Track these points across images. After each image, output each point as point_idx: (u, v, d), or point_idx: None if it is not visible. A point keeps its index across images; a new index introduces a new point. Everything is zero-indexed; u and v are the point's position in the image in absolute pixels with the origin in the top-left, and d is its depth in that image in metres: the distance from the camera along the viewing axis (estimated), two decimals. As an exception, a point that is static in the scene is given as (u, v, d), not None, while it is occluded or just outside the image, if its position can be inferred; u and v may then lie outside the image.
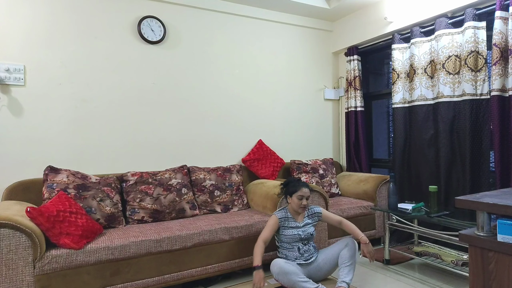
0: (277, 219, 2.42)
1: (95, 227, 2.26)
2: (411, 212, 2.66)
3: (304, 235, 2.42)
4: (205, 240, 2.45)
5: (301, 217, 2.49)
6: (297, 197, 2.42)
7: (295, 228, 2.43)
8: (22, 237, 1.90)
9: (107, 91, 2.97)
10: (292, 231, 2.42)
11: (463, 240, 1.43)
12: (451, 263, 2.51)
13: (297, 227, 2.44)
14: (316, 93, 4.13)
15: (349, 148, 4.04)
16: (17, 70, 2.63)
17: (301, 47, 4.02)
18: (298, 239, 2.41)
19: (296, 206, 2.42)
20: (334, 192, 3.61)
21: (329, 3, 3.79)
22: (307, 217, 2.50)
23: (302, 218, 2.49)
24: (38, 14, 2.73)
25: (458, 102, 2.96)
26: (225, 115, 3.52)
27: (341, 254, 2.38)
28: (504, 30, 2.61)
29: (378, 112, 4.23)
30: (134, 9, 3.08)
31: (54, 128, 2.77)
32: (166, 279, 2.31)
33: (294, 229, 2.43)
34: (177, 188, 2.83)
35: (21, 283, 1.90)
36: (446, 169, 3.03)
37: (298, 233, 2.41)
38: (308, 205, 2.53)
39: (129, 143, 3.05)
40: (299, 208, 2.42)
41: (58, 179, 2.47)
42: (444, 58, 3.03)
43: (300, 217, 2.49)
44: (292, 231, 2.42)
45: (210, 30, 3.45)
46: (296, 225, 2.44)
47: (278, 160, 3.62)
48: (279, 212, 2.47)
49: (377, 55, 4.15)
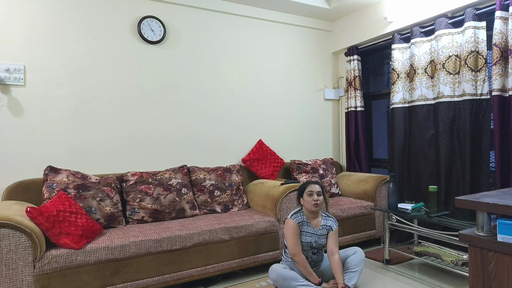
0: (295, 224, 2.30)
1: (95, 227, 2.26)
2: (411, 212, 2.66)
3: (316, 244, 2.36)
4: (205, 240, 2.44)
5: (318, 222, 2.40)
6: (307, 193, 2.34)
7: (311, 234, 2.35)
8: (22, 237, 1.90)
9: (107, 91, 2.97)
10: (307, 238, 2.33)
11: (463, 240, 1.43)
12: (451, 263, 2.50)
13: (313, 234, 2.35)
14: (316, 93, 4.13)
15: (349, 148, 4.04)
16: (17, 70, 2.63)
17: (301, 47, 4.02)
18: (309, 247, 2.34)
19: (308, 205, 2.33)
20: (334, 192, 3.61)
21: (329, 3, 3.79)
22: (323, 227, 2.39)
23: (319, 224, 2.39)
24: (38, 14, 2.73)
25: (458, 102, 2.96)
26: (225, 115, 3.52)
27: (349, 259, 2.36)
28: (504, 30, 2.61)
29: (378, 112, 4.23)
30: (134, 9, 3.08)
31: (54, 128, 2.77)
32: (166, 279, 2.31)
33: (310, 235, 2.34)
34: (177, 188, 2.83)
35: (21, 283, 1.90)
36: (446, 169, 3.03)
37: (311, 241, 2.33)
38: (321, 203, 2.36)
39: (129, 143, 3.05)
40: (312, 206, 2.31)
41: (58, 179, 2.47)
42: (444, 58, 3.03)
43: (316, 221, 2.40)
44: (307, 237, 2.33)
45: (210, 30, 3.45)
46: (313, 230, 2.36)
47: (278, 160, 3.62)
48: (295, 217, 2.33)
49: (377, 55, 4.15)
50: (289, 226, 2.31)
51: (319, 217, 2.42)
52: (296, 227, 2.30)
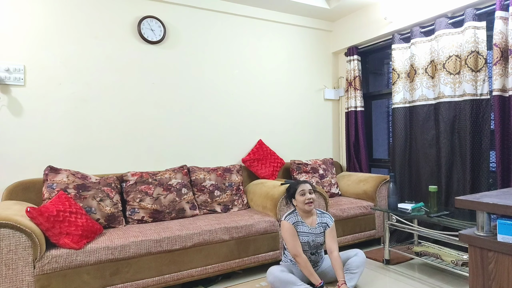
0: (291, 225, 2.29)
1: (95, 227, 2.26)
2: (411, 212, 2.66)
3: (314, 243, 2.35)
4: (205, 240, 2.44)
5: (312, 220, 2.39)
6: (300, 193, 2.34)
7: (307, 233, 2.34)
8: (22, 237, 1.90)
9: (107, 91, 2.97)
10: (303, 238, 2.33)
11: (463, 240, 1.43)
12: (451, 263, 2.50)
13: (309, 233, 2.34)
14: (316, 93, 4.13)
15: (349, 148, 4.04)
16: (17, 70, 2.63)
17: (301, 47, 4.02)
18: (307, 247, 2.33)
19: (302, 204, 2.33)
20: (334, 192, 3.61)
21: (329, 3, 3.79)
22: (319, 225, 2.39)
23: (315, 222, 2.39)
24: (38, 14, 2.73)
25: (458, 102, 2.96)
26: (225, 115, 3.52)
27: (350, 261, 2.36)
28: (504, 30, 2.61)
29: (378, 112, 4.23)
30: (134, 9, 3.08)
31: (54, 128, 2.77)
32: (166, 279, 2.31)
33: (306, 234, 2.34)
34: (177, 188, 2.83)
35: (21, 283, 1.90)
36: (446, 169, 3.03)
37: (308, 240, 2.33)
38: (315, 201, 2.37)
39: (129, 143, 3.05)
40: (306, 205, 2.31)
41: (58, 179, 2.47)
42: (444, 58, 3.03)
43: (312, 220, 2.39)
44: (303, 237, 2.33)
45: (210, 30, 3.45)
46: (308, 230, 2.35)
47: (278, 160, 3.62)
48: (289, 218, 2.33)
49: (377, 55, 4.15)
50: (285, 228, 2.31)
51: (313, 215, 2.42)
52: (292, 228, 2.30)
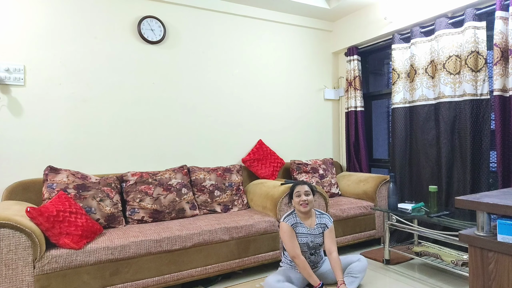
0: (289, 226, 2.31)
1: (95, 227, 2.26)
2: (411, 212, 2.65)
3: (313, 244, 2.35)
4: (205, 240, 2.44)
5: (311, 221, 2.39)
6: (296, 194, 2.36)
7: (306, 234, 2.34)
8: (22, 237, 1.90)
9: (107, 91, 2.97)
10: (302, 239, 2.33)
11: (463, 240, 1.43)
12: (451, 263, 2.50)
13: (308, 234, 2.35)
14: (316, 93, 4.13)
15: (349, 148, 4.04)
16: (17, 70, 2.63)
17: (301, 47, 4.02)
18: (306, 248, 2.33)
19: (297, 205, 2.35)
20: (334, 192, 3.61)
21: (329, 3, 3.79)
22: (318, 225, 2.39)
23: (313, 223, 2.39)
24: (38, 14, 2.73)
25: (459, 102, 2.96)
26: (225, 115, 3.51)
27: (352, 265, 2.36)
28: (504, 30, 2.61)
29: (378, 112, 4.23)
30: (134, 9, 3.08)
31: (54, 128, 2.77)
32: (165, 279, 2.31)
33: (305, 235, 2.34)
34: (177, 188, 2.83)
35: (21, 283, 1.90)
36: (447, 169, 3.03)
37: (307, 241, 2.33)
38: (311, 202, 2.35)
39: (129, 143, 3.04)
40: (301, 206, 2.32)
41: (58, 179, 2.47)
42: (444, 58, 3.03)
43: (310, 221, 2.39)
44: (302, 238, 2.33)
45: (210, 30, 3.45)
46: (307, 231, 2.35)
47: (278, 160, 3.62)
48: (288, 219, 2.35)
49: (377, 55, 4.15)
50: (283, 230, 2.32)
51: (312, 216, 2.43)
52: (290, 229, 2.31)
